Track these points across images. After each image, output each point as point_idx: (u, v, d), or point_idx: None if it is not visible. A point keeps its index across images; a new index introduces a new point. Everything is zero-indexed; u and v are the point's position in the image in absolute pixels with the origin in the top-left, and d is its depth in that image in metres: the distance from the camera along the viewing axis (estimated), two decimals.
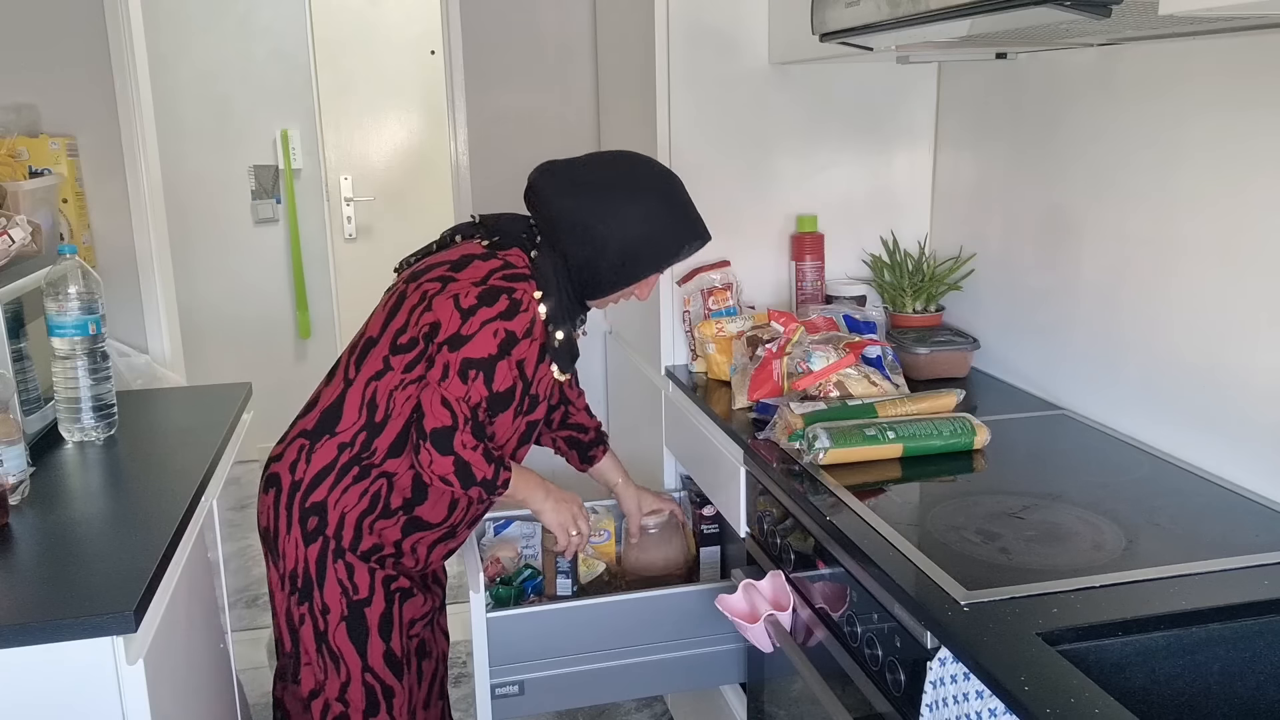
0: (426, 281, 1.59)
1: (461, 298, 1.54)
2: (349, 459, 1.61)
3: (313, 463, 1.61)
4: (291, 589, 1.64)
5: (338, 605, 1.64)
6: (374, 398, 1.60)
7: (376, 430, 1.60)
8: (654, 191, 1.63)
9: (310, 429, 1.63)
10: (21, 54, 2.56)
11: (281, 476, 1.63)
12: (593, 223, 1.59)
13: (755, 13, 2.18)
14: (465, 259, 1.60)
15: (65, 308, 1.71)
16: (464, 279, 1.56)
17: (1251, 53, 1.42)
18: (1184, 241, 1.57)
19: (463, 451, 1.55)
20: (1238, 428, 1.49)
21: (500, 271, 1.57)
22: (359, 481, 1.61)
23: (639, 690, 1.87)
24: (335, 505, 1.61)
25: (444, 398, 1.53)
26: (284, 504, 1.62)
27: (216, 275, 4.33)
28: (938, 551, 1.29)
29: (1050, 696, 0.96)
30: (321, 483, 1.61)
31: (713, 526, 2.07)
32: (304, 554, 1.62)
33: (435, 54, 4.37)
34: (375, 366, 1.60)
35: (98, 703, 1.21)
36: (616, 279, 1.64)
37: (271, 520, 1.64)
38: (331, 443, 1.61)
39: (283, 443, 1.66)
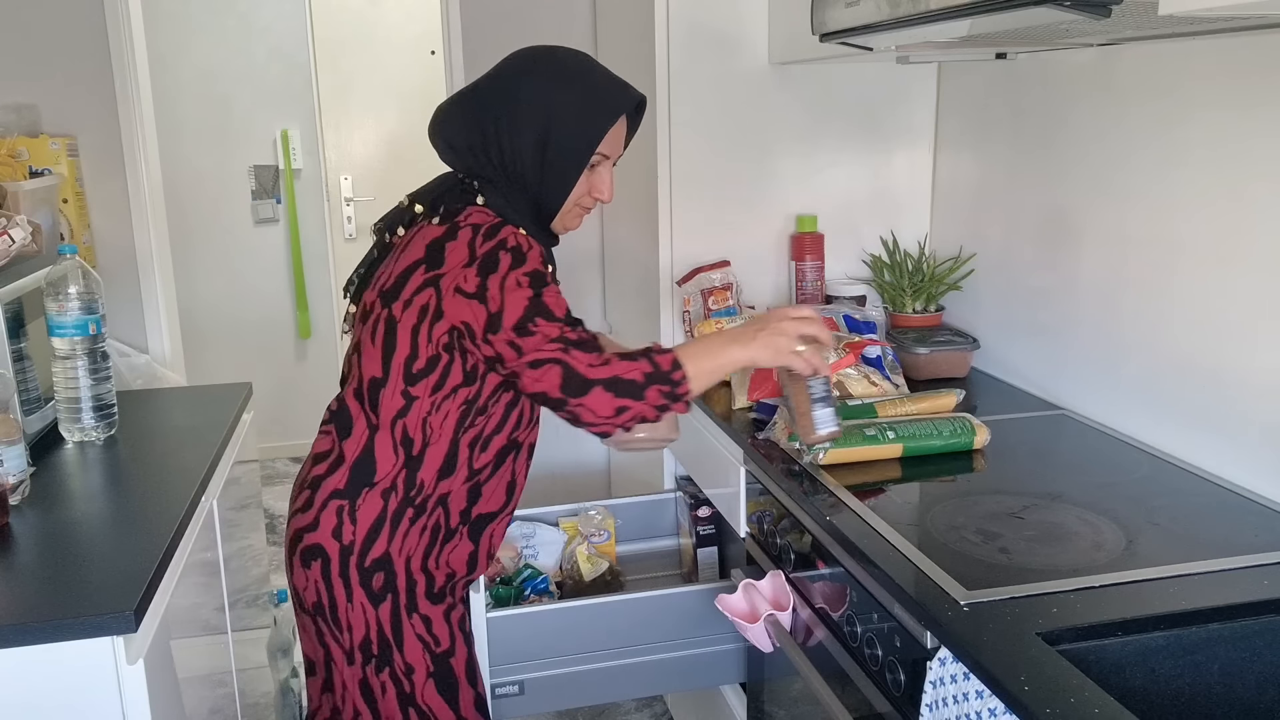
0: (413, 296, 1.40)
1: (464, 285, 1.36)
2: (398, 504, 1.45)
3: (360, 521, 1.44)
4: (366, 658, 1.47)
5: (422, 662, 1.49)
6: (406, 434, 1.44)
7: (417, 463, 1.45)
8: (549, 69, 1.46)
9: (343, 488, 1.45)
10: (21, 54, 2.56)
11: (325, 546, 1.45)
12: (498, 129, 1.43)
13: (755, 13, 2.18)
14: (434, 249, 1.40)
15: (65, 308, 1.71)
16: (450, 268, 1.38)
17: (1251, 53, 1.42)
18: (1184, 241, 1.57)
19: (594, 372, 1.35)
20: (1238, 428, 1.49)
21: (476, 237, 1.39)
22: (416, 521, 1.46)
23: (639, 690, 1.87)
24: (400, 554, 1.46)
25: (533, 361, 1.34)
26: (337, 572, 1.45)
27: (216, 275, 4.34)
28: (938, 551, 1.29)
29: (1050, 696, 0.96)
30: (377, 537, 1.44)
31: (709, 527, 2.07)
32: (374, 617, 1.46)
33: (435, 54, 4.37)
34: (396, 404, 1.43)
35: (98, 703, 1.21)
36: (556, 184, 1.45)
37: (324, 593, 1.46)
38: (374, 494, 1.44)
39: (308, 510, 1.47)
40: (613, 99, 1.47)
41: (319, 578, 1.46)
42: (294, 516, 1.50)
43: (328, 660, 1.50)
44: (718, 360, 1.42)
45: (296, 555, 1.48)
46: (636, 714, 2.54)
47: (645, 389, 1.36)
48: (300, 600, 1.50)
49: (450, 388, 1.43)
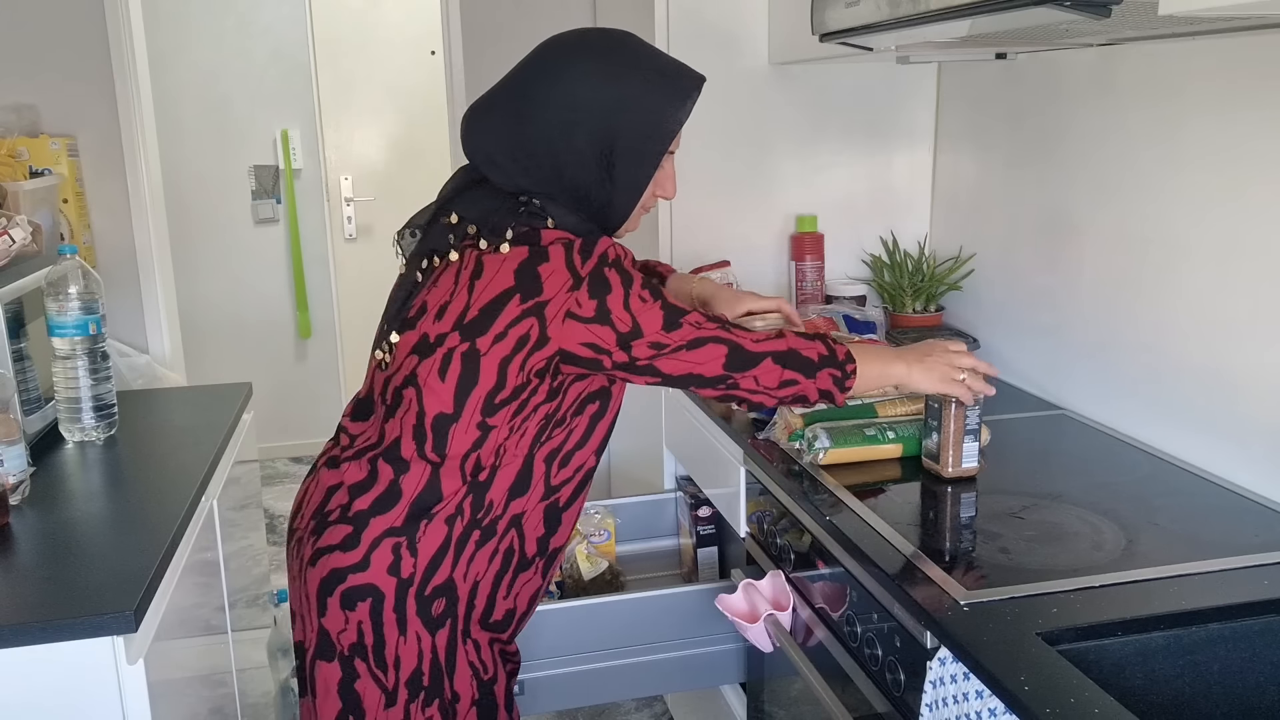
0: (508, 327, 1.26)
1: (578, 310, 1.24)
2: (464, 528, 1.33)
3: (421, 553, 1.31)
4: (412, 694, 1.34)
5: (469, 690, 1.38)
6: (477, 463, 1.31)
7: (485, 487, 1.33)
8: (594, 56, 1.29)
9: (400, 525, 1.31)
10: (21, 54, 2.56)
11: (379, 585, 1.30)
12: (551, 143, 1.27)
13: (755, 13, 2.18)
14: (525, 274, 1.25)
15: (65, 308, 1.71)
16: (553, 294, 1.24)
17: (1251, 53, 1.43)
18: (1184, 241, 1.57)
19: (762, 345, 1.32)
20: (1238, 428, 1.49)
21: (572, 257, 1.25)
22: (484, 544, 1.34)
23: (639, 690, 1.87)
24: (465, 579, 1.34)
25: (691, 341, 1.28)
26: (391, 607, 1.31)
27: (216, 275, 4.34)
28: (937, 552, 1.29)
29: (1050, 696, 0.96)
30: (441, 564, 1.32)
31: (709, 527, 2.07)
32: (429, 645, 1.33)
33: (435, 54, 4.37)
34: (472, 437, 1.30)
35: (98, 703, 1.21)
36: (625, 188, 1.31)
37: (371, 632, 1.31)
38: (435, 523, 1.32)
39: (353, 549, 1.31)
40: (679, 84, 1.31)
41: (366, 618, 1.32)
42: (328, 553, 1.32)
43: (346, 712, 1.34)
44: (882, 369, 1.41)
45: (335, 597, 1.32)
46: (636, 714, 2.54)
47: (819, 369, 1.35)
48: (331, 645, 1.33)
49: (532, 408, 1.31)
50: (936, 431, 1.52)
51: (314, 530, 1.36)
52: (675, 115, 1.31)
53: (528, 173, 1.30)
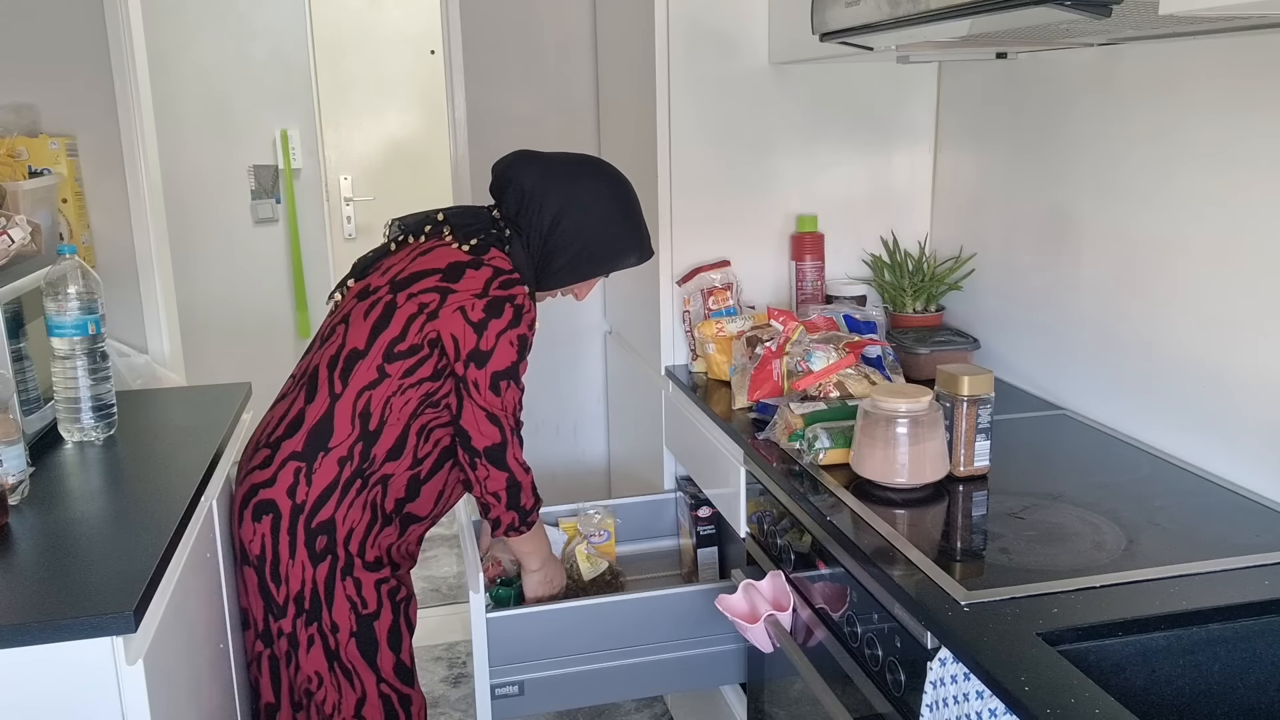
0: (420, 293, 1.60)
1: (469, 310, 1.58)
2: (351, 473, 1.61)
3: (314, 483, 1.60)
4: (298, 611, 1.64)
5: (347, 622, 1.65)
6: (367, 407, 1.60)
7: (373, 439, 1.61)
8: (617, 190, 1.73)
9: (301, 450, 1.61)
10: (21, 54, 2.56)
11: (279, 502, 1.61)
12: (562, 212, 1.66)
13: (755, 13, 2.18)
14: (455, 268, 1.61)
15: (65, 308, 1.71)
16: (463, 290, 1.59)
17: (1251, 53, 1.42)
18: (1184, 241, 1.57)
19: (516, 469, 1.65)
20: (1238, 428, 1.49)
21: (495, 280, 1.60)
22: (361, 494, 1.63)
23: (639, 690, 1.87)
24: (344, 521, 1.62)
25: (488, 413, 1.60)
26: (285, 529, 1.61)
27: (216, 275, 4.33)
28: (937, 551, 1.29)
29: (1050, 696, 0.96)
30: (327, 501, 1.61)
31: (709, 527, 2.07)
32: (312, 575, 1.62)
33: (435, 54, 4.37)
34: (369, 376, 1.60)
35: (98, 703, 1.21)
36: (568, 273, 1.71)
37: (269, 547, 1.63)
38: (329, 459, 1.60)
39: (266, 467, 1.63)
40: (644, 241, 1.75)
41: (267, 532, 1.61)
42: (250, 473, 1.65)
43: (265, 612, 1.66)
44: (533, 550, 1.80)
45: (249, 509, 1.63)
46: (636, 714, 2.54)
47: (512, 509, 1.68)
48: (244, 552, 1.65)
49: (419, 378, 1.60)
50: (948, 431, 1.52)
51: (247, 457, 1.69)
52: (626, 263, 1.75)
53: (523, 214, 1.68)
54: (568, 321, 2.93)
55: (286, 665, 1.70)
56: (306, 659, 1.65)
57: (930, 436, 1.47)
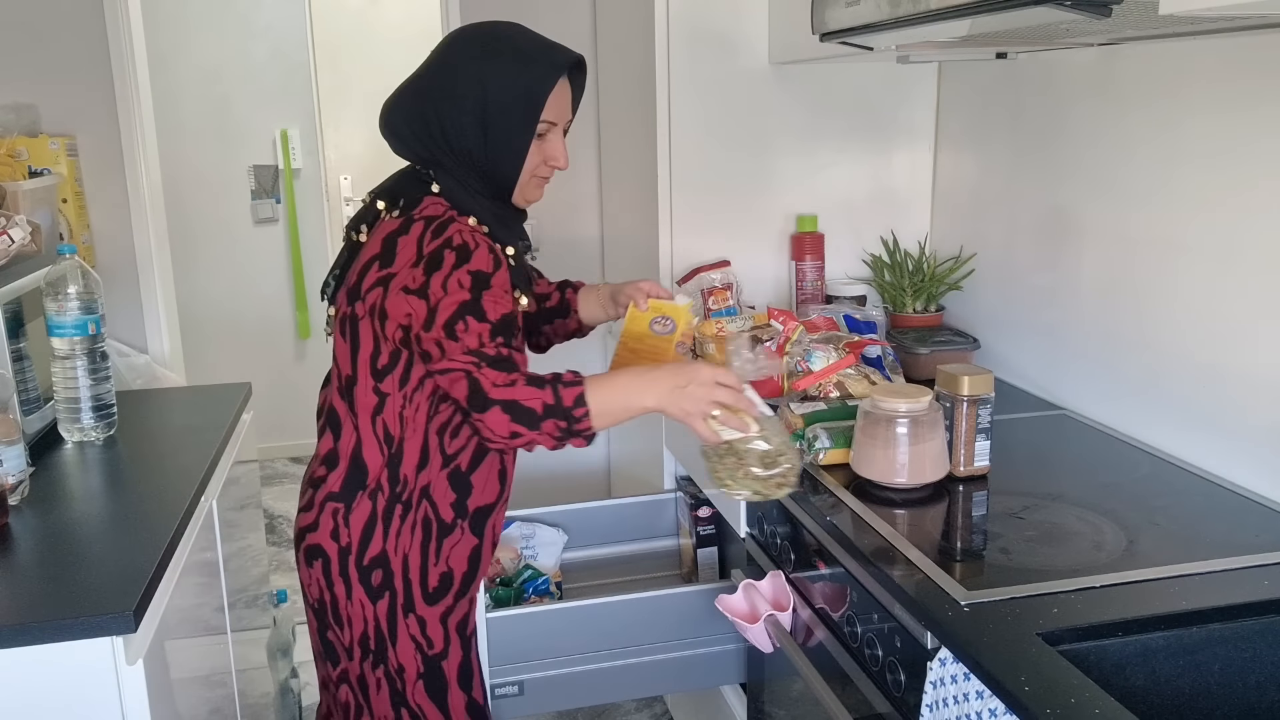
0: (368, 294, 1.41)
1: (410, 283, 1.36)
2: (386, 503, 1.47)
3: (353, 524, 1.47)
4: (364, 654, 1.51)
5: (413, 663, 1.52)
6: (386, 430, 1.46)
7: (397, 460, 1.47)
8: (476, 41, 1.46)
9: (338, 490, 1.48)
10: (21, 54, 2.56)
11: (324, 547, 1.48)
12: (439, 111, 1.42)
13: (755, 13, 2.18)
14: (388, 244, 1.40)
15: (65, 308, 1.71)
16: (400, 266, 1.38)
17: (1251, 53, 1.42)
18: (1184, 241, 1.57)
19: (498, 392, 1.33)
20: (1238, 428, 1.49)
21: (426, 233, 1.38)
22: (405, 518, 1.48)
23: (639, 690, 1.87)
24: (396, 552, 1.48)
25: (443, 369, 1.35)
26: (337, 572, 1.48)
27: (216, 275, 4.33)
28: (938, 551, 1.29)
29: (1050, 696, 0.96)
30: (372, 536, 1.47)
31: (709, 527, 2.07)
32: (372, 613, 1.49)
33: None
34: (370, 401, 1.45)
35: (97, 703, 1.21)
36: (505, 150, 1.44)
37: (326, 590, 1.50)
38: (363, 495, 1.47)
39: (309, 510, 1.51)
40: (547, 62, 1.45)
41: (320, 576, 1.50)
42: (299, 514, 1.53)
43: (330, 653, 1.54)
44: (625, 403, 1.38)
45: (301, 553, 1.52)
46: (636, 714, 2.54)
47: (542, 420, 1.34)
48: (305, 596, 1.54)
49: (416, 380, 1.44)
50: (948, 431, 1.52)
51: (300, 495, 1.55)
52: (540, 90, 1.43)
53: (420, 139, 1.45)
54: None
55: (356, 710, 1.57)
56: (376, 701, 1.53)
57: (930, 436, 1.47)
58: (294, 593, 3.19)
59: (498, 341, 1.36)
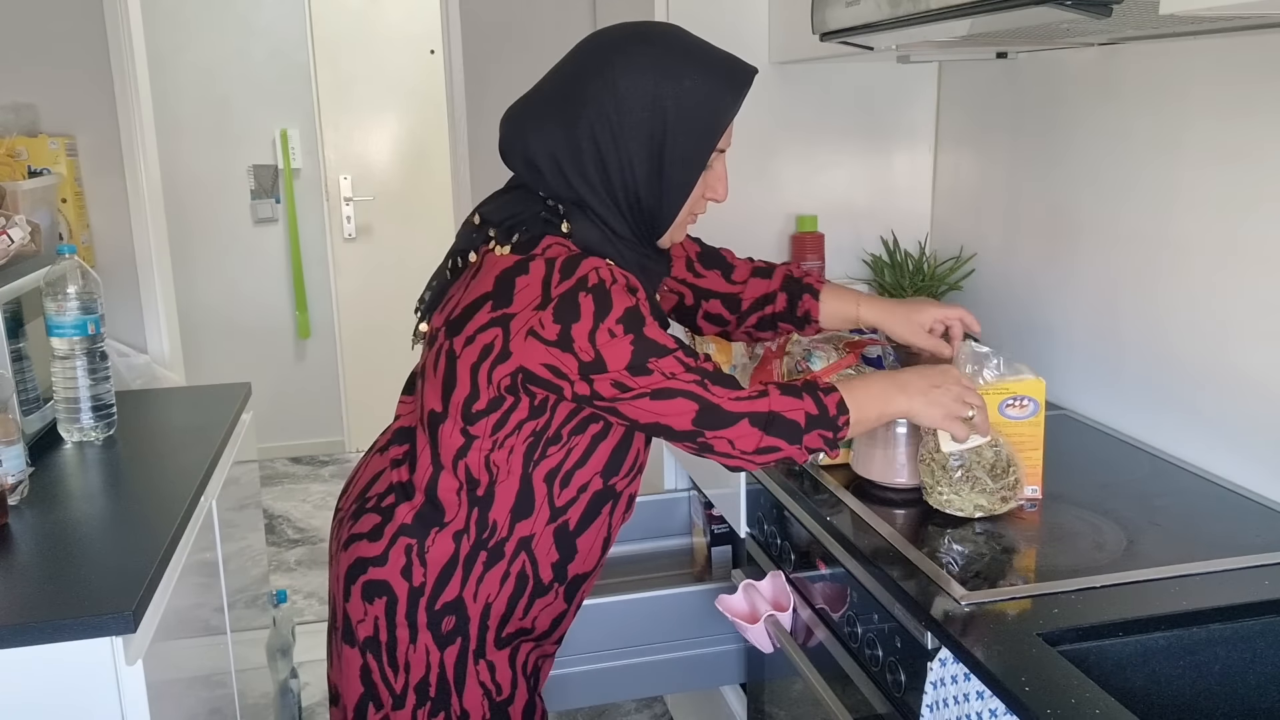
0: (476, 333, 1.23)
1: (541, 331, 1.18)
2: (470, 548, 1.31)
3: (429, 564, 1.31)
4: (420, 700, 1.34)
5: (479, 709, 1.36)
6: (469, 473, 1.29)
7: (486, 503, 1.30)
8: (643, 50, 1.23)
9: (411, 523, 1.31)
10: (21, 54, 2.56)
11: (393, 584, 1.31)
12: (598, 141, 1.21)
13: (755, 13, 2.18)
14: (504, 283, 1.21)
15: (64, 308, 1.70)
16: (521, 309, 1.19)
17: (1252, 53, 1.42)
18: (1184, 240, 1.57)
19: (740, 405, 1.21)
20: (1238, 428, 1.49)
21: (552, 276, 1.19)
22: (493, 565, 1.32)
23: (639, 690, 1.87)
24: (475, 599, 1.32)
25: (657, 391, 1.19)
26: (403, 613, 1.32)
27: (216, 275, 4.33)
28: (938, 552, 1.28)
29: (1050, 697, 0.96)
30: (449, 580, 1.31)
31: (723, 526, 2.07)
32: (439, 659, 1.33)
33: (435, 54, 4.37)
34: (456, 442, 1.28)
35: (97, 703, 1.21)
36: (673, 187, 1.24)
37: (385, 630, 1.33)
38: (444, 534, 1.30)
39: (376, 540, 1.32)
40: (732, 78, 1.25)
41: (381, 614, 1.32)
42: (357, 541, 1.34)
43: (368, 698, 1.36)
44: (880, 408, 1.29)
45: (357, 586, 1.33)
46: (636, 714, 2.54)
47: (806, 432, 1.24)
48: (350, 632, 1.35)
49: (515, 424, 1.26)
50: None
51: (353, 513, 1.37)
52: (728, 110, 1.23)
53: (565, 176, 1.24)
54: None
55: None
56: None
57: None
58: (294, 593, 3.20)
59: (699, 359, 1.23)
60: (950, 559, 1.26)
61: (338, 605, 1.37)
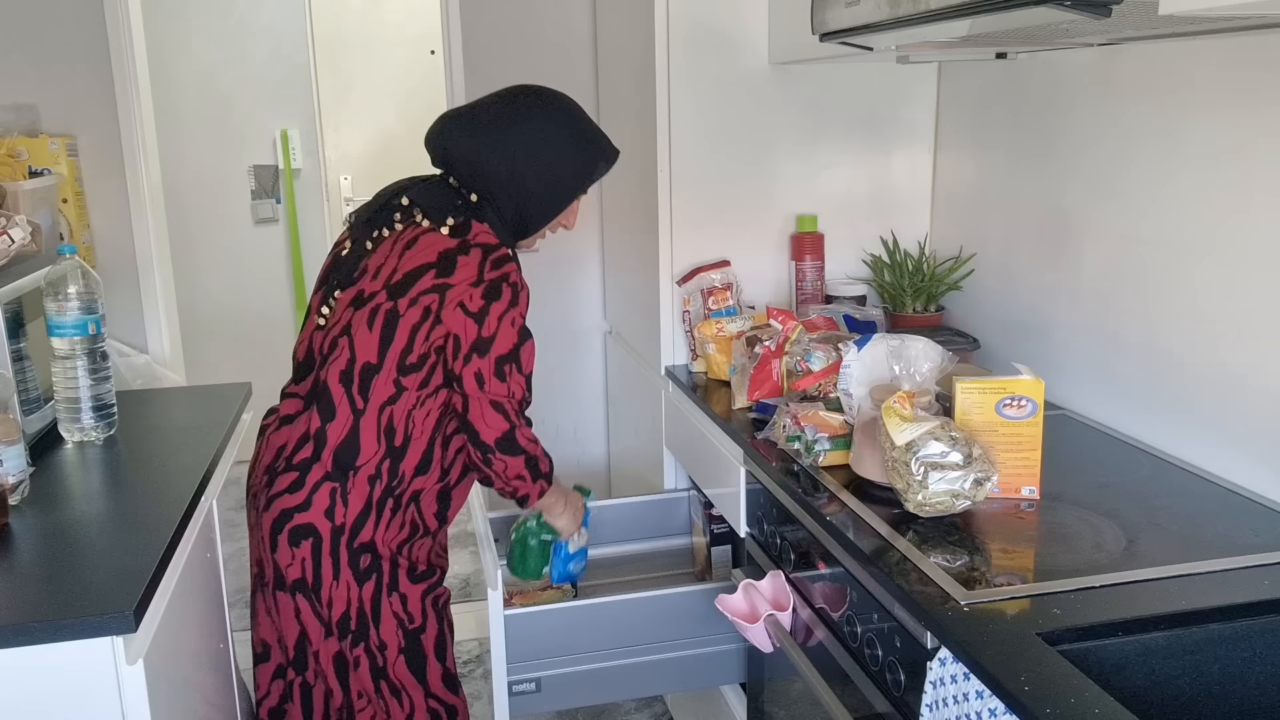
0: (420, 296, 1.52)
1: (467, 303, 1.52)
2: (382, 492, 1.56)
3: (350, 504, 1.55)
4: (343, 633, 1.59)
5: (395, 639, 1.61)
6: (390, 422, 1.55)
7: (399, 454, 1.56)
8: (556, 113, 1.64)
9: (331, 470, 1.55)
10: (21, 54, 2.56)
11: (317, 525, 1.55)
12: (515, 161, 1.59)
13: (755, 13, 2.18)
14: (446, 259, 1.54)
15: (65, 308, 1.71)
16: (459, 282, 1.52)
17: (1251, 53, 1.42)
18: (1184, 241, 1.57)
19: (530, 446, 1.60)
20: (1238, 428, 1.49)
21: (486, 262, 1.54)
22: (396, 514, 1.59)
23: (639, 690, 1.87)
24: (384, 542, 1.58)
25: (493, 402, 1.54)
26: (327, 551, 1.55)
27: (216, 275, 4.34)
28: (938, 552, 1.29)
29: (1050, 696, 0.96)
30: (365, 523, 1.56)
31: (723, 526, 2.07)
32: (358, 594, 1.57)
33: (435, 54, 4.37)
34: (387, 391, 1.54)
35: (98, 703, 1.21)
36: (546, 213, 1.66)
37: (311, 570, 1.56)
38: (360, 478, 1.55)
39: (297, 490, 1.55)
40: (607, 148, 1.69)
41: (308, 555, 1.55)
42: (278, 497, 1.57)
43: (301, 639, 1.61)
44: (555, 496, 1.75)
45: (283, 534, 1.56)
46: (636, 714, 2.54)
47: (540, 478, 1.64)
48: (280, 577, 1.58)
49: (434, 386, 1.56)
50: None
51: (267, 483, 1.59)
52: (598, 170, 1.68)
53: (479, 172, 1.60)
54: (567, 322, 2.93)
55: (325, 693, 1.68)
56: (354, 678, 1.61)
57: None
58: None
59: (527, 398, 1.59)
60: (950, 559, 1.26)
61: (266, 561, 1.60)
